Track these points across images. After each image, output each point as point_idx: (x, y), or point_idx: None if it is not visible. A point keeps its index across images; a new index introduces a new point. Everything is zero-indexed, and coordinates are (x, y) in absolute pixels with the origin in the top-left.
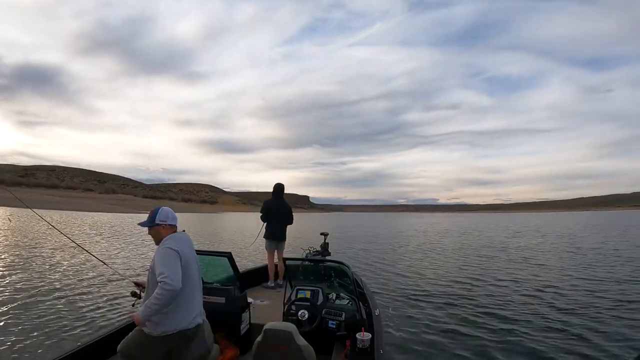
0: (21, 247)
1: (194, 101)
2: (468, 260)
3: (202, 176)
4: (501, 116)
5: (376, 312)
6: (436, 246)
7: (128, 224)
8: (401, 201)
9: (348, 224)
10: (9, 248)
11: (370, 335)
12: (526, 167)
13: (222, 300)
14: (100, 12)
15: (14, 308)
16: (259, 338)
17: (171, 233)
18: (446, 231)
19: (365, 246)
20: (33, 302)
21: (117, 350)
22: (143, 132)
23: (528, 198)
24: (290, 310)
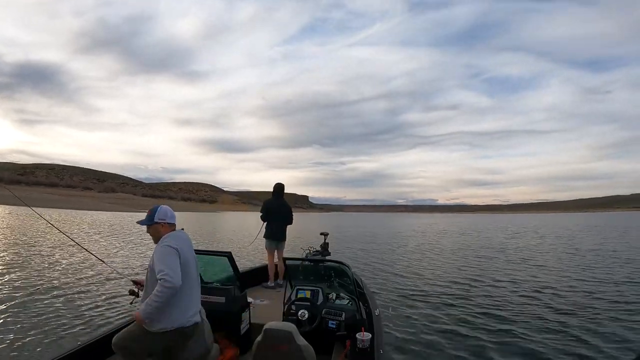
0: (20, 245)
1: (194, 100)
2: (467, 260)
3: (202, 175)
4: (501, 117)
5: (376, 312)
6: (435, 247)
7: (127, 223)
8: (400, 201)
9: (347, 224)
10: (8, 246)
11: (370, 335)
12: (525, 168)
13: (222, 299)
14: (100, 11)
15: (13, 306)
16: (259, 338)
17: (170, 231)
18: (445, 232)
19: (364, 246)
20: (32, 300)
21: (112, 342)
22: (143, 131)
23: (527, 199)
24: (290, 310)
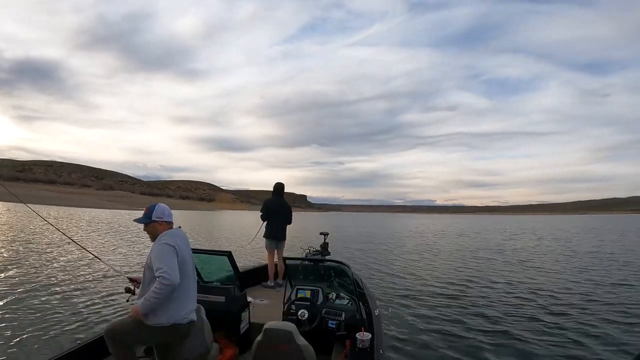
0: (17, 243)
1: (193, 98)
2: (465, 262)
3: (200, 174)
4: (499, 118)
5: (376, 312)
6: (434, 248)
7: (125, 221)
8: (398, 202)
9: (346, 224)
10: (6, 243)
11: (370, 335)
12: (524, 170)
13: (222, 299)
14: (100, 8)
15: (10, 303)
16: (259, 337)
17: (167, 229)
18: (443, 233)
19: (363, 246)
20: (28, 297)
21: (105, 331)
22: (141, 129)
23: (525, 200)
24: (290, 309)
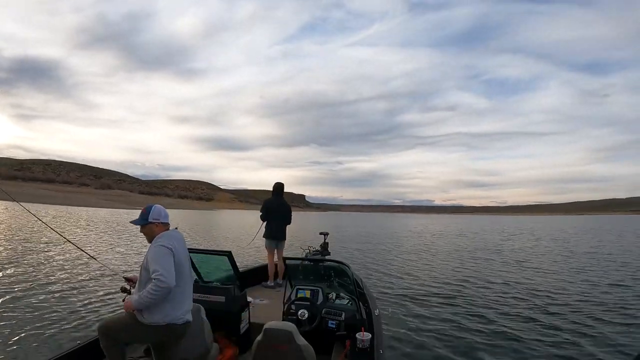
0: (15, 242)
1: (192, 98)
2: (464, 262)
3: (199, 173)
4: (499, 119)
5: (376, 312)
6: (433, 248)
7: (123, 220)
8: (397, 202)
9: (344, 224)
10: (3, 242)
11: (370, 335)
12: (523, 170)
13: (222, 299)
14: (99, 7)
15: (7, 302)
16: (259, 337)
17: (164, 231)
18: (442, 233)
19: (362, 246)
20: (24, 297)
21: (98, 326)
22: (140, 128)
23: (524, 201)
24: (290, 309)
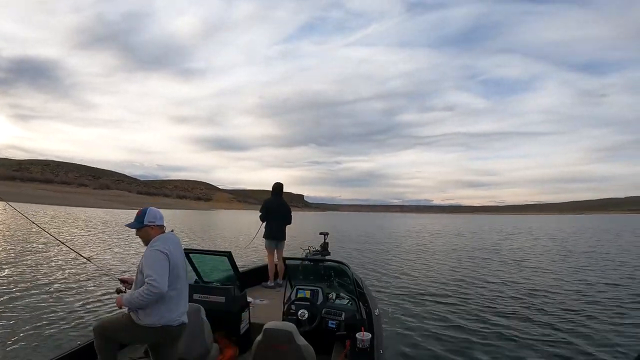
0: (12, 242)
1: (191, 98)
2: (463, 262)
3: (197, 173)
4: (496, 118)
5: (376, 312)
6: (432, 248)
7: (121, 220)
8: (395, 202)
9: (343, 224)
10: (1, 242)
11: (370, 335)
12: (521, 170)
13: (222, 299)
14: (98, 7)
15: (3, 303)
16: (259, 337)
17: (160, 233)
18: (440, 233)
19: (362, 246)
20: (20, 297)
21: (94, 326)
22: (139, 128)
23: (522, 200)
24: (290, 309)
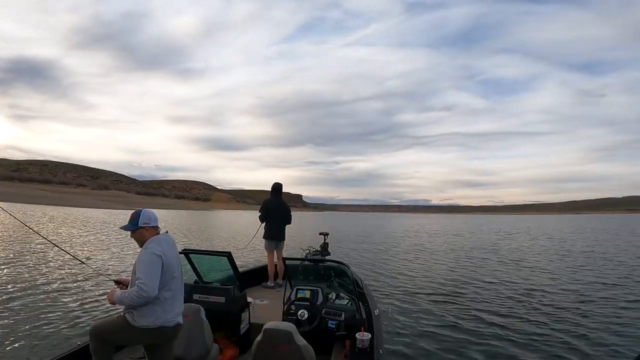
0: (8, 242)
1: (189, 98)
2: (462, 262)
3: (196, 173)
4: (495, 118)
5: (376, 312)
6: (431, 247)
7: (120, 221)
8: (394, 201)
9: (342, 224)
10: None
11: (369, 335)
12: (519, 170)
13: (222, 299)
14: (96, 7)
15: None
16: (259, 338)
17: (154, 234)
18: (439, 232)
19: (361, 246)
20: (16, 298)
21: (90, 328)
22: (137, 128)
23: (520, 200)
24: (290, 310)
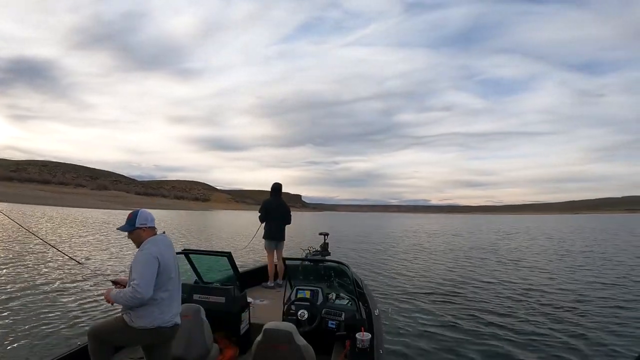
0: (7, 242)
1: (188, 98)
2: (461, 262)
3: (195, 173)
4: (494, 118)
5: (376, 312)
6: (431, 247)
7: (119, 221)
8: (393, 202)
9: (341, 224)
10: None
11: (369, 335)
12: (518, 170)
13: (222, 299)
14: (96, 7)
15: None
16: (259, 338)
17: (151, 235)
18: (439, 232)
19: (360, 246)
20: (12, 299)
21: (89, 330)
22: (136, 128)
23: (519, 200)
24: (290, 310)
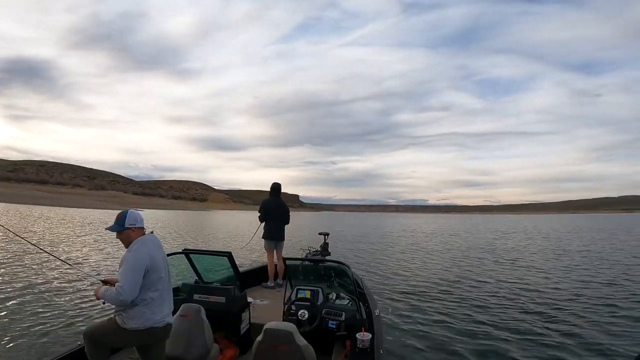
0: (4, 243)
1: (186, 98)
2: (459, 262)
3: (193, 173)
4: (492, 118)
5: (376, 312)
6: (429, 247)
7: None
8: (391, 201)
9: (339, 224)
10: None
11: (370, 335)
12: (516, 170)
13: (222, 299)
14: (93, 7)
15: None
16: (259, 338)
17: (140, 235)
18: (436, 232)
19: (359, 246)
20: (10, 299)
21: (84, 331)
22: (134, 128)
23: (517, 200)
24: (290, 310)
